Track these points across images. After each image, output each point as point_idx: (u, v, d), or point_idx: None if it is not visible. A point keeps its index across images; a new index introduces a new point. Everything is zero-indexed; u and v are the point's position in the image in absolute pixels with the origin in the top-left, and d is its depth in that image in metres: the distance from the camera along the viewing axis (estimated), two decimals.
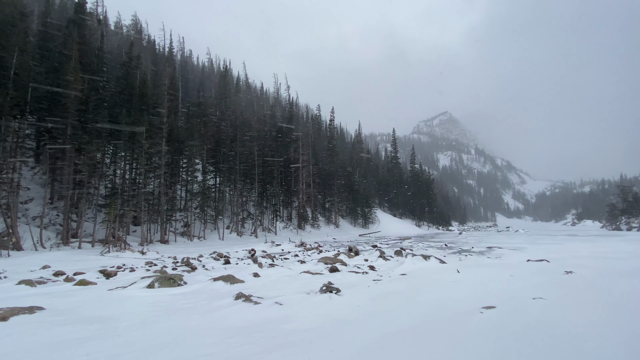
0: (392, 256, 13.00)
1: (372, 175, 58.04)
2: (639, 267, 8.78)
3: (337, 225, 41.28)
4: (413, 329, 3.88)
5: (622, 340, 3.25)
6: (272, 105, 51.99)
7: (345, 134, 77.36)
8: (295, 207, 37.33)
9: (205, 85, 48.87)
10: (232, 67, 55.91)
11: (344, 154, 53.80)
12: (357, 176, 51.30)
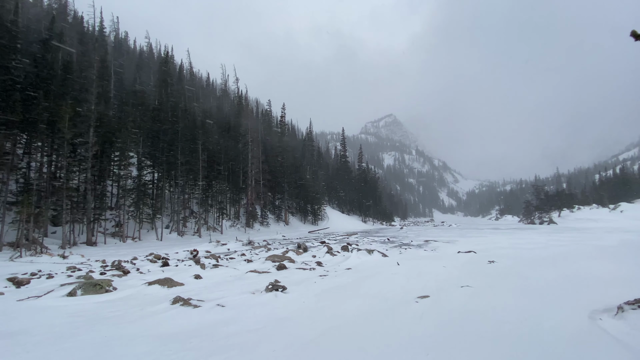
0: (339, 251, 13.34)
1: (322, 173, 58.94)
2: (547, 256, 10.22)
3: (287, 222, 41.11)
4: (355, 322, 4.00)
5: (535, 321, 3.72)
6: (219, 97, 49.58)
7: (296, 131, 77.23)
8: (243, 204, 36.23)
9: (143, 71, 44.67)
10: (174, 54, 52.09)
11: (295, 151, 53.71)
12: (308, 173, 51.65)
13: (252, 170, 37.74)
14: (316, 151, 64.70)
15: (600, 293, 4.59)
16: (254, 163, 38.09)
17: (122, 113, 25.17)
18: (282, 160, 42.53)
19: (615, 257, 9.13)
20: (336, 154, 74.59)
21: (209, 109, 39.44)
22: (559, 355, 2.84)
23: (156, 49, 57.52)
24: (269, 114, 54.58)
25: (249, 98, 57.44)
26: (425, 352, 2.95)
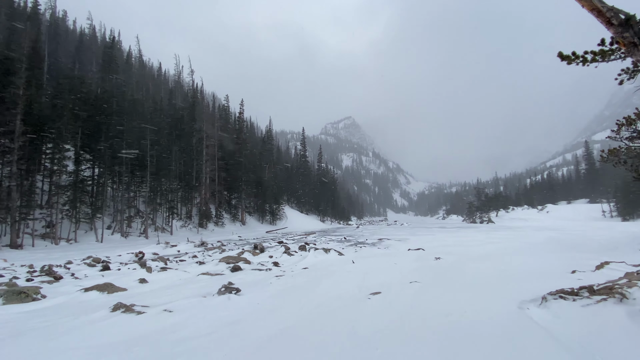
0: (296, 251, 13.32)
1: (282, 172, 58.38)
2: (485, 252, 11.22)
3: (244, 222, 40.05)
4: (310, 321, 4.02)
5: (473, 312, 4.05)
6: (172, 89, 46.62)
7: (255, 128, 75.58)
8: (196, 203, 34.53)
9: (84, 56, 40.44)
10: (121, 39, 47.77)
11: (254, 149, 52.52)
12: (267, 172, 50.82)
13: (207, 168, 36.13)
14: (276, 150, 63.99)
15: (528, 285, 5.15)
16: (208, 160, 36.49)
17: (57, 100, 22.49)
18: (240, 157, 41.32)
19: (541, 253, 10.33)
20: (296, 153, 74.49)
21: (160, 101, 36.89)
22: (494, 342, 3.13)
23: (100, 32, 52.49)
24: (227, 109, 52.66)
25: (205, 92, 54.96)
26: (375, 347, 3.06)
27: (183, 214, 32.25)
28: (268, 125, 62.85)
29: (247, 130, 54.06)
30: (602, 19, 3.29)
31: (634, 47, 3.27)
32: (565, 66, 4.17)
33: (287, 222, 46.31)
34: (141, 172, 26.56)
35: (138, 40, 50.93)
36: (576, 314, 3.65)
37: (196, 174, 34.81)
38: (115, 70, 32.24)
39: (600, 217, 50.58)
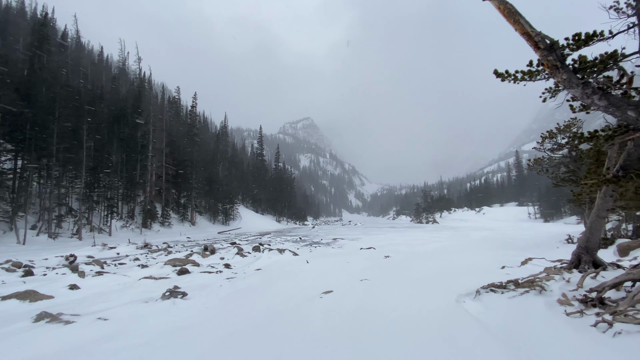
0: (250, 252, 13.00)
1: (237, 171, 56.55)
2: (429, 250, 12.02)
3: (194, 223, 38.04)
4: (261, 323, 3.95)
5: (417, 306, 4.30)
6: (115, 77, 42.58)
7: (209, 124, 72.25)
8: (140, 202, 31.97)
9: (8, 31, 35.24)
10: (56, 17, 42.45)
11: (208, 146, 50.13)
12: (221, 170, 48.88)
13: (153, 164, 33.68)
14: (231, 147, 61.81)
15: (465, 280, 5.62)
16: (155, 155, 34.04)
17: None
18: (191, 153, 39.19)
19: (477, 251, 11.35)
20: (252, 151, 72.70)
21: (101, 88, 33.50)
22: (434, 332, 3.36)
23: (30, 6, 46.17)
24: (178, 102, 49.62)
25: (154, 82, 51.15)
26: (325, 345, 3.11)
27: (124, 213, 29.64)
28: (223, 121, 60.50)
29: (200, 125, 51.43)
30: (531, 43, 3.72)
31: (556, 69, 3.74)
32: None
33: (241, 223, 45.02)
34: (75, 166, 23.84)
35: (76, 19, 45.64)
36: (504, 305, 4.07)
37: (141, 170, 32.22)
38: (46, 50, 28.53)
39: (526, 219, 57.15)
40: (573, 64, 3.81)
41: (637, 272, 3.81)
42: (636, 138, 4.49)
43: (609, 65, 3.95)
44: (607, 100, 3.61)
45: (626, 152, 4.88)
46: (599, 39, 3.98)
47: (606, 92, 3.71)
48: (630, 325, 3.00)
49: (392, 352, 2.93)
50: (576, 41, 3.83)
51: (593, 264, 5.69)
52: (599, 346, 2.82)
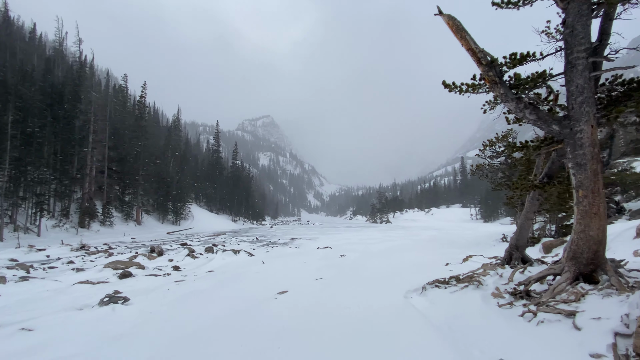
0: (202, 253, 12.43)
1: (190, 167, 53.64)
2: (382, 249, 12.52)
3: (140, 222, 35.33)
4: (211, 327, 3.79)
5: (368, 303, 4.45)
6: (50, 58, 37.92)
7: (160, 116, 67.61)
8: (77, 199, 28.88)
9: None
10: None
11: (158, 139, 46.85)
12: (172, 166, 46.02)
13: (93, 157, 30.62)
14: (184, 142, 58.49)
15: (413, 277, 5.94)
16: (96, 148, 30.98)
17: None
18: (138, 147, 36.35)
19: (425, 249, 12.09)
20: (208, 148, 69.54)
21: (32, 70, 29.61)
22: (383, 327, 3.50)
23: None
24: (124, 90, 45.67)
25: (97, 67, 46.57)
26: (277, 345, 3.08)
27: (57, 211, 26.55)
28: (176, 114, 56.97)
29: (149, 117, 47.93)
30: (475, 58, 4.06)
31: (495, 84, 4.13)
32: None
33: (193, 222, 42.84)
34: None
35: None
36: (446, 299, 4.38)
37: (79, 164, 29.12)
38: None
39: (469, 219, 62.22)
40: (509, 80, 4.24)
41: (557, 267, 4.34)
42: (559, 149, 5.12)
43: (538, 84, 4.46)
44: (536, 114, 4.07)
45: (550, 161, 5.55)
46: (531, 59, 4.47)
47: (536, 107, 4.18)
48: (551, 315, 3.41)
49: (342, 349, 2.99)
50: (512, 60, 4.26)
51: (522, 260, 6.38)
52: (525, 334, 3.17)
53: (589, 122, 3.71)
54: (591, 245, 3.83)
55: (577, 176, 3.80)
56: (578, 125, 3.74)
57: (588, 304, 3.36)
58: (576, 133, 3.77)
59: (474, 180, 61.07)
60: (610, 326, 2.81)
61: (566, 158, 3.99)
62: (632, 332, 2.59)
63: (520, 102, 4.05)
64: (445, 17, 3.94)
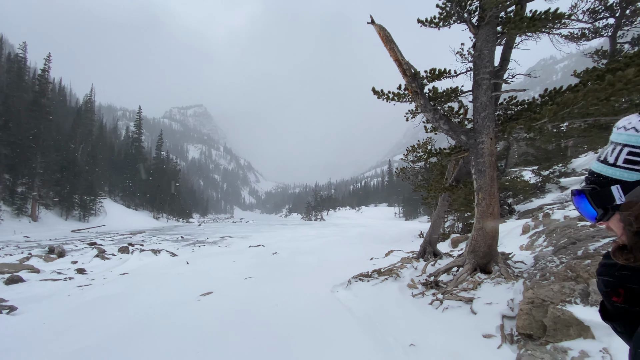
0: (114, 254, 11.07)
1: (104, 157, 47.06)
2: (314, 245, 12.77)
3: (36, 218, 29.82)
4: (118, 335, 3.39)
5: (296, 299, 4.48)
6: None
7: (69, 96, 57.98)
8: None
9: None
10: None
11: (64, 122, 40.05)
12: (81, 154, 39.86)
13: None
14: (98, 127, 51.13)
15: (341, 272, 6.20)
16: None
17: None
18: (37, 129, 30.55)
19: (353, 245, 12.72)
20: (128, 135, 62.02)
21: None
22: (309, 321, 3.58)
23: None
24: (22, 61, 37.96)
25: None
26: (196, 350, 2.90)
27: None
28: (89, 94, 49.54)
29: (53, 95, 40.70)
30: (401, 69, 4.41)
31: (416, 95, 4.54)
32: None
33: (106, 219, 37.80)
34: None
35: None
36: (368, 291, 4.68)
37: None
38: None
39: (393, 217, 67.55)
40: (429, 92, 4.71)
41: (460, 260, 4.99)
42: (465, 157, 5.88)
43: (452, 98, 5.05)
44: (449, 125, 4.60)
45: (459, 167, 6.33)
46: (447, 75, 5.04)
47: (449, 119, 4.73)
48: (454, 302, 3.89)
49: (265, 347, 2.97)
50: (432, 75, 4.75)
51: (434, 254, 7.17)
52: (433, 320, 3.56)
53: (489, 135, 4.34)
54: (487, 240, 4.49)
55: (478, 181, 4.42)
56: (480, 137, 4.35)
57: (483, 291, 3.94)
58: (479, 144, 4.38)
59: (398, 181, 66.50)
60: (499, 310, 3.33)
61: (471, 165, 4.61)
62: (516, 315, 3.10)
63: (437, 113, 4.54)
64: (376, 27, 4.18)
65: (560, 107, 3.86)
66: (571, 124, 9.15)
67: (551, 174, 14.68)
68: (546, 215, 7.77)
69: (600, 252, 3.56)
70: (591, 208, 0.63)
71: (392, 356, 2.78)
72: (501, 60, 4.95)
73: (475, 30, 4.62)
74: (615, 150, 0.61)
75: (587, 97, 3.68)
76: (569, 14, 4.91)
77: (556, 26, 4.77)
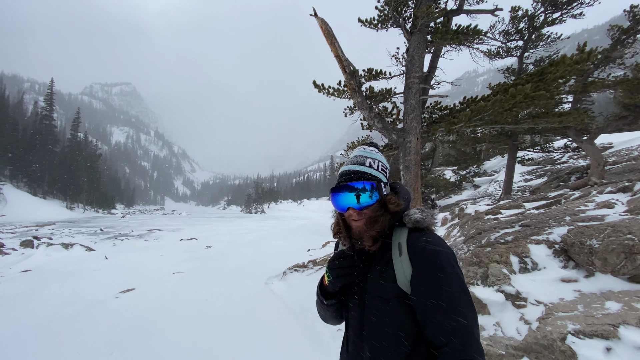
0: (15, 249, 9.45)
1: (5, 135, 39.21)
2: (253, 238, 12.54)
3: None
4: (18, 339, 2.92)
5: (228, 293, 4.36)
6: None
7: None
8: None
9: None
10: None
11: None
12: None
13: None
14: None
15: (277, 264, 6.22)
16: None
17: None
18: None
19: (293, 237, 12.83)
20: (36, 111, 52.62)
21: None
22: (243, 312, 3.52)
23: None
24: None
25: None
26: (110, 351, 2.65)
27: None
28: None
29: None
30: (341, 66, 4.53)
31: (354, 92, 4.72)
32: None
33: (6, 209, 31.78)
34: None
35: None
36: (303, 281, 4.79)
37: None
38: None
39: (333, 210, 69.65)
40: (366, 91, 4.94)
41: None
42: (396, 154, 6.32)
43: (386, 98, 5.37)
44: (382, 124, 4.89)
45: (390, 163, 6.79)
46: (383, 76, 5.33)
47: (382, 118, 5.02)
48: None
49: (188, 345, 2.84)
50: (369, 74, 4.98)
51: None
52: None
53: (415, 135, 4.73)
54: None
55: (404, 177, 4.80)
56: (408, 137, 4.72)
57: None
58: (407, 143, 4.75)
59: None
60: None
61: (399, 162, 4.98)
62: None
63: (372, 111, 4.79)
64: (319, 20, 4.22)
65: (474, 114, 4.39)
66: (484, 130, 10.49)
67: (467, 173, 16.65)
68: (461, 210, 8.82)
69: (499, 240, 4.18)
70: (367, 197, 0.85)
71: (320, 341, 2.90)
72: (429, 67, 5.41)
73: (409, 36, 4.97)
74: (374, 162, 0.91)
75: (494, 105, 4.24)
76: (486, 31, 5.57)
77: (475, 41, 5.38)
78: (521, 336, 2.29)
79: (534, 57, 10.66)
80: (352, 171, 0.89)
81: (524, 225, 4.31)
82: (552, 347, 2.04)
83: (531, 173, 13.39)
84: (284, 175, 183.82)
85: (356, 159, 0.92)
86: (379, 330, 0.76)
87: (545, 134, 10.17)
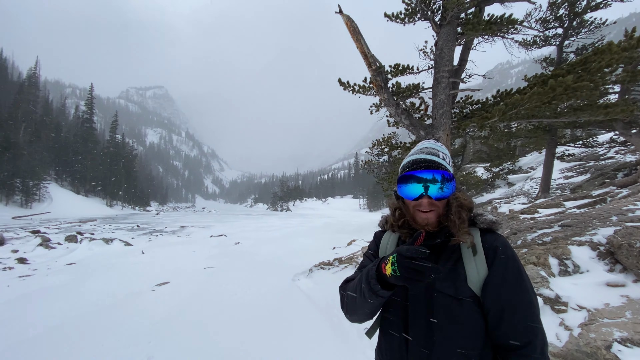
0: (60, 243, 10.23)
1: (50, 138, 42.69)
2: (279, 235, 12.76)
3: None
4: (63, 326, 3.17)
5: (256, 288, 4.47)
6: None
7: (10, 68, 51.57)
8: None
9: None
10: None
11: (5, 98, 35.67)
12: (24, 134, 35.82)
13: None
14: (43, 105, 46.18)
15: (303, 261, 6.29)
16: None
17: None
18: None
19: (318, 235, 12.90)
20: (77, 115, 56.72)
21: None
22: (271, 308, 3.60)
23: None
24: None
25: None
26: (148, 340, 2.81)
27: None
28: (34, 68, 44.47)
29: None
30: (366, 62, 4.47)
31: (380, 88, 4.65)
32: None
33: (51, 205, 34.61)
34: None
35: None
36: (328, 279, 4.80)
37: None
38: None
39: (358, 209, 69.30)
40: (392, 87, 4.84)
41: None
42: None
43: (414, 94, 5.24)
44: (409, 120, 4.78)
45: None
46: (410, 71, 5.20)
47: (410, 114, 4.90)
48: None
49: (220, 335, 2.95)
50: (396, 70, 4.88)
51: None
52: None
53: (445, 131, 4.58)
54: None
55: None
56: (437, 133, 4.57)
57: None
58: (436, 139, 4.61)
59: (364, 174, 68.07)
60: None
61: None
62: None
63: (399, 107, 4.69)
64: (344, 17, 4.19)
65: (509, 108, 4.17)
66: (519, 125, 9.94)
67: (501, 170, 15.87)
68: (494, 209, 8.43)
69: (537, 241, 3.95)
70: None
71: (347, 339, 2.90)
72: (460, 60, 5.20)
73: (438, 29, 4.80)
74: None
75: (532, 99, 4.00)
76: (521, 20, 5.27)
77: (510, 31, 5.11)
78: (561, 343, 2.15)
79: (575, 46, 9.93)
80: (428, 160, 0.81)
81: (564, 225, 4.05)
82: (595, 355, 1.90)
83: (572, 170, 12.52)
84: (308, 173, 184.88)
85: (428, 150, 0.85)
86: (455, 331, 0.73)
87: (588, 128, 9.47)
